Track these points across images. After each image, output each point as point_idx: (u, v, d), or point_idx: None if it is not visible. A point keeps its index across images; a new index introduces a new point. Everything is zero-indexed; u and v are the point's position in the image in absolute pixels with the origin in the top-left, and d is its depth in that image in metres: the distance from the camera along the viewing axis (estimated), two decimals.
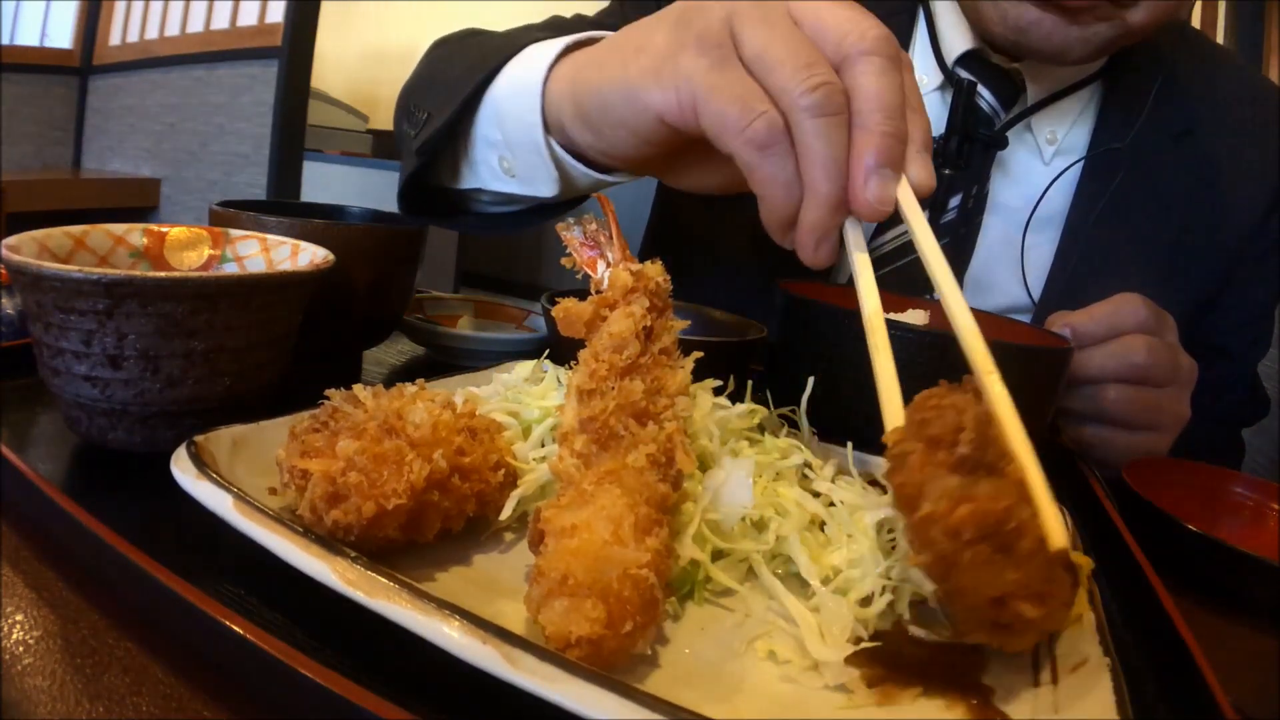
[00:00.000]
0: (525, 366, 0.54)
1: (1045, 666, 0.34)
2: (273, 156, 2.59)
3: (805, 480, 0.45)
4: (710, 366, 0.48)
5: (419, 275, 0.73)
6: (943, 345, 0.52)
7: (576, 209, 0.67)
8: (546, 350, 0.57)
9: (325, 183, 2.84)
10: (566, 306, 0.46)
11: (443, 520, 0.37)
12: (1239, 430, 0.96)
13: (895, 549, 0.39)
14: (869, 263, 0.43)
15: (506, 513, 0.40)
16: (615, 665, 0.30)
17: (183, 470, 0.35)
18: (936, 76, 0.87)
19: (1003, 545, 0.30)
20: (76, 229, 0.51)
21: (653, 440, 0.38)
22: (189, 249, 0.57)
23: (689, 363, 0.45)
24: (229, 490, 0.34)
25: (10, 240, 0.45)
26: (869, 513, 0.40)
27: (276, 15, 2.54)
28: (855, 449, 0.49)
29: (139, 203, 2.79)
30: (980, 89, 0.82)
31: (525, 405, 0.48)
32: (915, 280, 0.79)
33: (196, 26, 2.69)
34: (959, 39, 0.85)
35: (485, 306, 0.86)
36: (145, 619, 0.31)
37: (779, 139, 0.42)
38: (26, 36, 2.78)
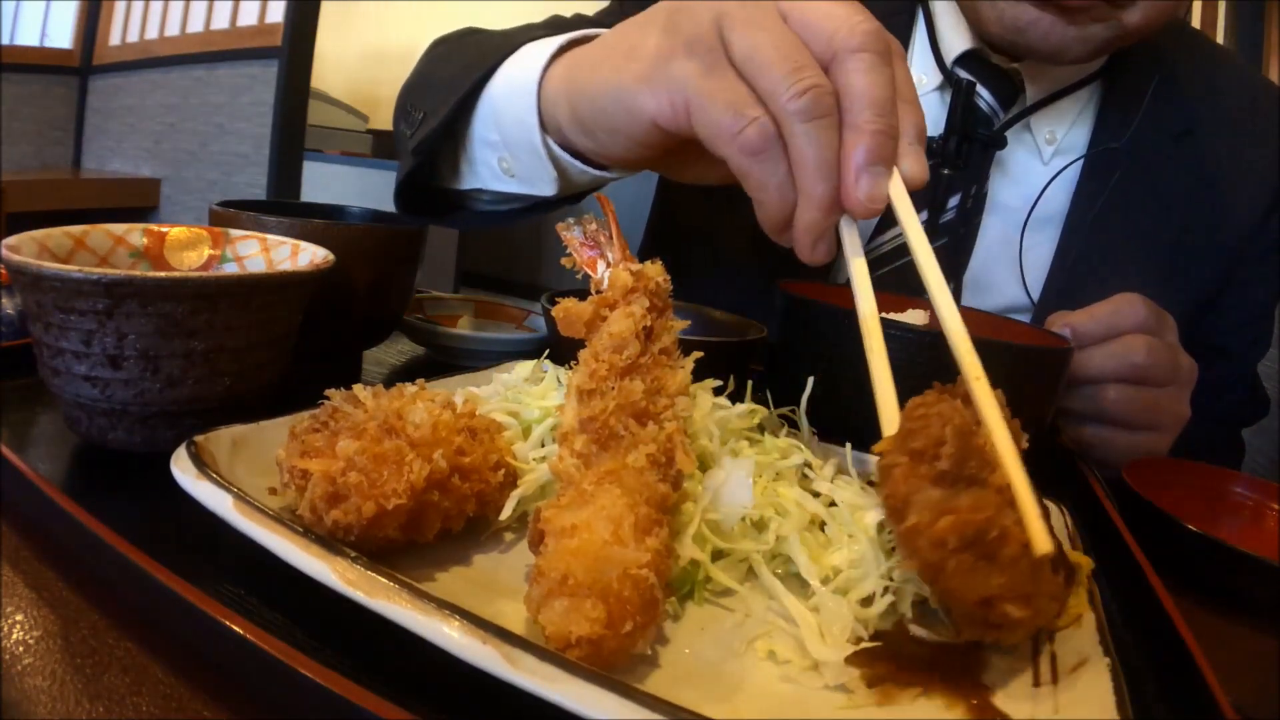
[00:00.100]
0: (525, 366, 0.54)
1: (1045, 666, 0.34)
2: (273, 156, 2.59)
3: (805, 480, 0.45)
4: (710, 366, 0.48)
5: (419, 275, 0.73)
6: (942, 346, 0.52)
7: (576, 208, 0.67)
8: (546, 350, 0.57)
9: (325, 183, 2.84)
10: (566, 306, 0.46)
11: (443, 520, 0.37)
12: (1239, 430, 0.96)
13: (895, 550, 0.39)
14: (865, 267, 0.43)
15: (506, 513, 0.40)
16: (615, 665, 0.30)
17: (183, 470, 0.35)
18: (936, 76, 0.87)
19: (985, 553, 0.31)
20: (76, 229, 0.51)
21: (653, 440, 0.38)
22: (189, 249, 0.57)
23: (689, 363, 0.45)
24: (229, 490, 0.34)
25: (10, 240, 0.45)
26: (869, 513, 0.40)
27: (276, 15, 2.54)
28: (855, 449, 0.49)
29: (139, 203, 2.79)
30: (979, 89, 0.82)
31: (525, 405, 0.48)
32: (914, 281, 0.79)
33: (196, 26, 2.69)
34: (958, 39, 0.85)
35: (485, 306, 0.86)
36: (145, 619, 0.31)
37: (771, 144, 0.43)
38: (26, 36, 2.78)
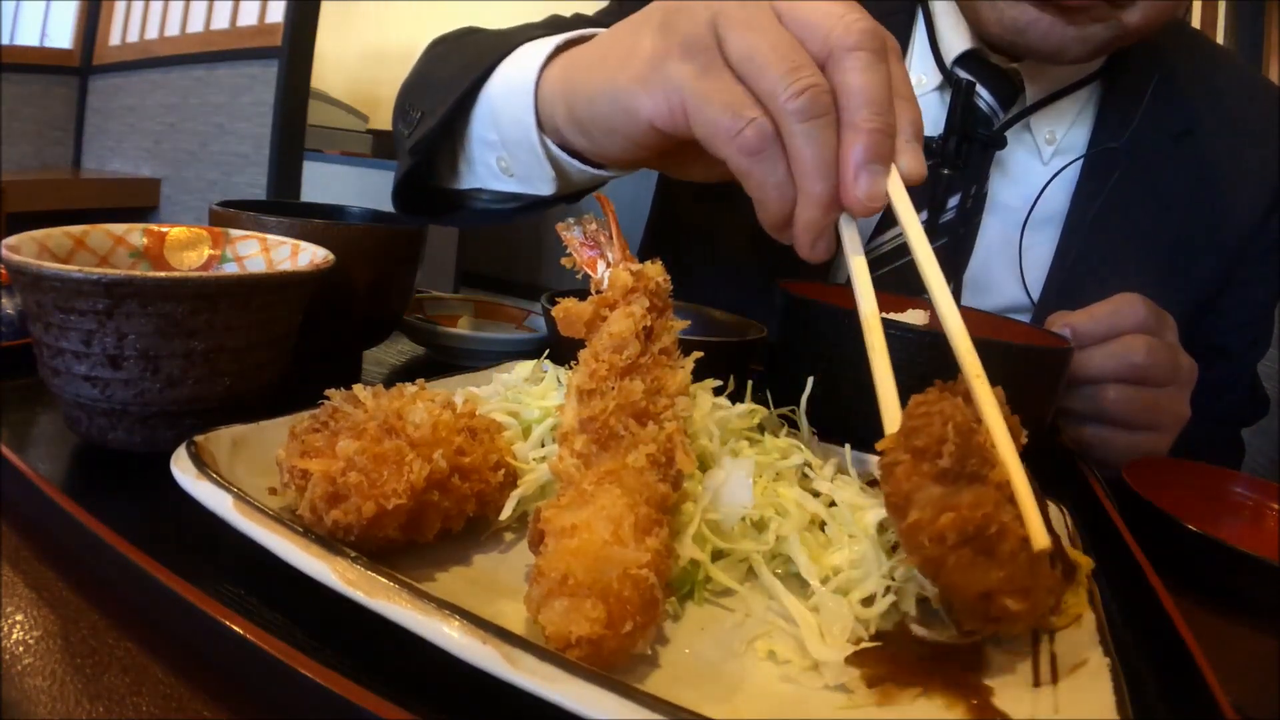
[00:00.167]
0: (525, 366, 0.54)
1: (1045, 666, 0.34)
2: (273, 156, 2.59)
3: (805, 480, 0.45)
4: (710, 366, 0.48)
5: (419, 275, 0.73)
6: (942, 345, 0.52)
7: (576, 208, 0.67)
8: (546, 350, 0.57)
9: (325, 183, 2.84)
10: (566, 306, 0.46)
11: (443, 520, 0.37)
12: (1239, 430, 0.96)
13: (896, 549, 0.39)
14: (866, 266, 0.43)
15: (506, 513, 0.40)
16: (615, 665, 0.30)
17: (183, 470, 0.35)
18: (935, 76, 0.87)
19: (985, 548, 0.32)
20: (76, 229, 0.51)
21: (653, 440, 0.38)
22: (189, 249, 0.57)
23: (689, 363, 0.45)
24: (229, 490, 0.34)
25: (10, 240, 0.45)
26: (869, 512, 0.40)
27: (276, 15, 2.54)
28: (855, 449, 0.49)
29: (139, 203, 2.78)
30: (979, 89, 0.82)
31: (525, 405, 0.48)
32: (914, 280, 0.79)
33: (196, 26, 2.69)
34: (958, 39, 0.85)
35: (485, 306, 0.86)
36: (145, 619, 0.31)
37: (769, 144, 0.43)
38: (26, 36, 2.77)
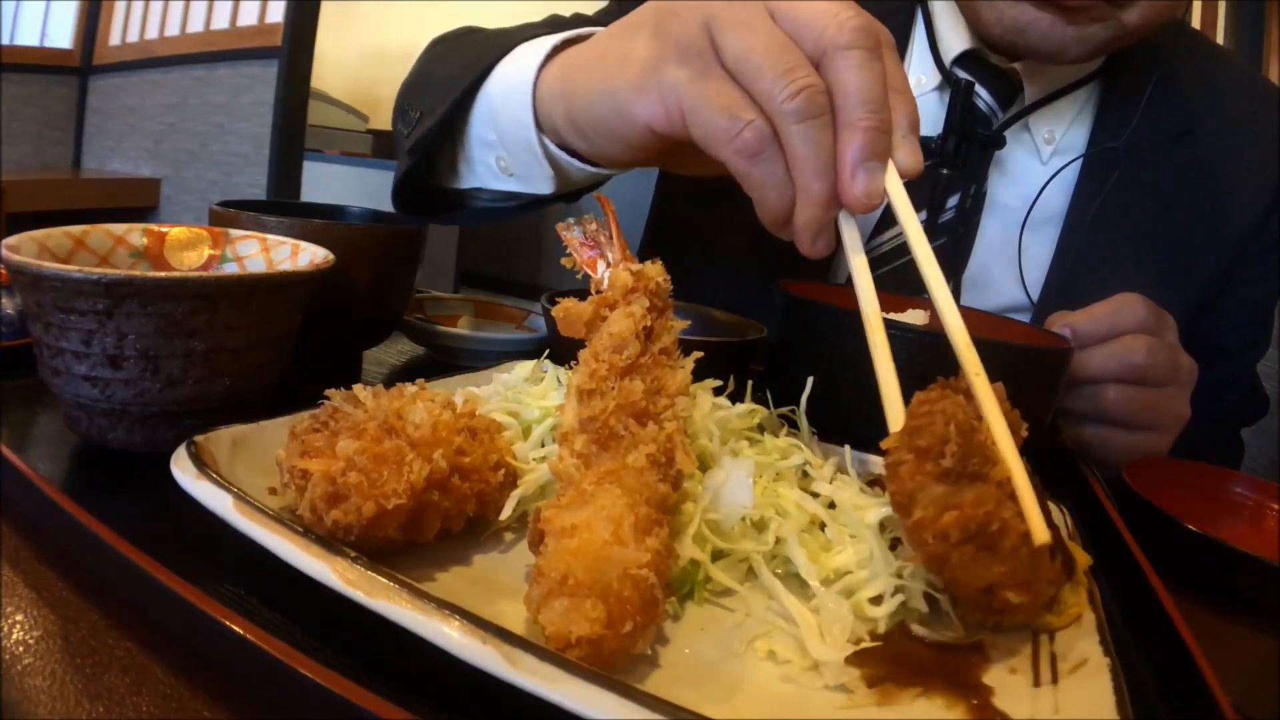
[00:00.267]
0: (525, 366, 0.54)
1: (1045, 666, 0.34)
2: (273, 156, 2.59)
3: (805, 480, 0.45)
4: (710, 366, 0.48)
5: (419, 275, 0.73)
6: (942, 345, 0.52)
7: (576, 208, 0.67)
8: (546, 350, 0.57)
9: (325, 183, 2.84)
10: (566, 306, 0.46)
11: (443, 520, 0.37)
12: (1239, 430, 0.96)
13: (896, 547, 0.39)
14: (866, 264, 0.44)
15: (506, 513, 0.40)
16: (615, 665, 0.30)
17: (183, 470, 0.35)
18: (934, 76, 0.87)
19: (987, 545, 0.33)
20: (76, 229, 0.51)
21: (653, 440, 0.38)
22: (189, 249, 0.57)
23: (689, 363, 0.45)
24: (229, 490, 0.34)
25: (10, 240, 0.45)
26: (871, 511, 0.40)
27: (276, 15, 2.54)
28: (855, 449, 0.49)
29: (139, 203, 2.78)
30: (978, 89, 0.82)
31: (525, 405, 0.48)
32: (914, 280, 0.79)
33: (196, 26, 2.69)
34: (957, 39, 0.85)
35: (485, 306, 0.86)
36: (145, 619, 0.31)
37: (767, 146, 0.43)
38: (26, 36, 2.77)
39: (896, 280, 0.83)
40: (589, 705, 0.25)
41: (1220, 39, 2.04)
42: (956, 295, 0.85)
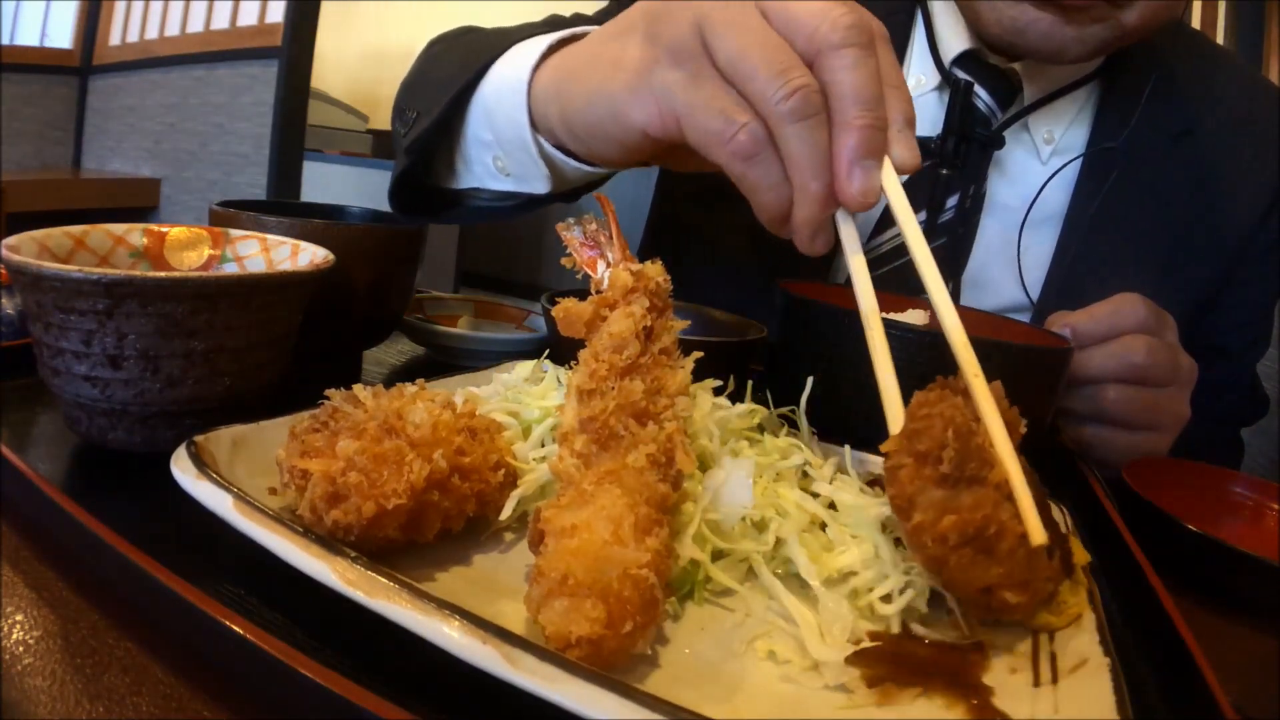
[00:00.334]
0: (525, 366, 0.54)
1: (1045, 666, 0.34)
2: (273, 156, 2.59)
3: (806, 479, 0.45)
4: (710, 366, 0.48)
5: (419, 275, 0.73)
6: (942, 345, 0.52)
7: (576, 207, 0.67)
8: (546, 350, 0.57)
9: (325, 183, 2.84)
10: (566, 306, 0.46)
11: (443, 520, 0.37)
12: (1239, 430, 0.96)
13: (897, 546, 0.39)
14: (865, 263, 0.44)
15: (506, 513, 0.40)
16: (615, 665, 0.30)
17: (183, 470, 0.35)
18: (934, 76, 0.87)
19: (985, 547, 0.33)
20: (76, 229, 0.51)
21: (653, 440, 0.38)
22: (189, 249, 0.57)
23: (689, 363, 0.45)
24: (229, 490, 0.34)
25: (10, 240, 0.45)
26: (873, 510, 0.41)
27: (276, 15, 2.54)
28: (854, 449, 0.49)
29: (139, 203, 2.78)
30: (977, 89, 0.82)
31: (525, 405, 0.48)
32: (914, 281, 0.79)
33: (196, 26, 2.69)
34: (956, 39, 0.85)
35: (485, 306, 0.86)
36: (145, 619, 0.31)
37: (763, 147, 0.43)
38: (26, 36, 2.77)
39: (896, 280, 0.83)
40: (589, 705, 0.25)
41: (1220, 39, 2.04)
42: (956, 295, 0.85)
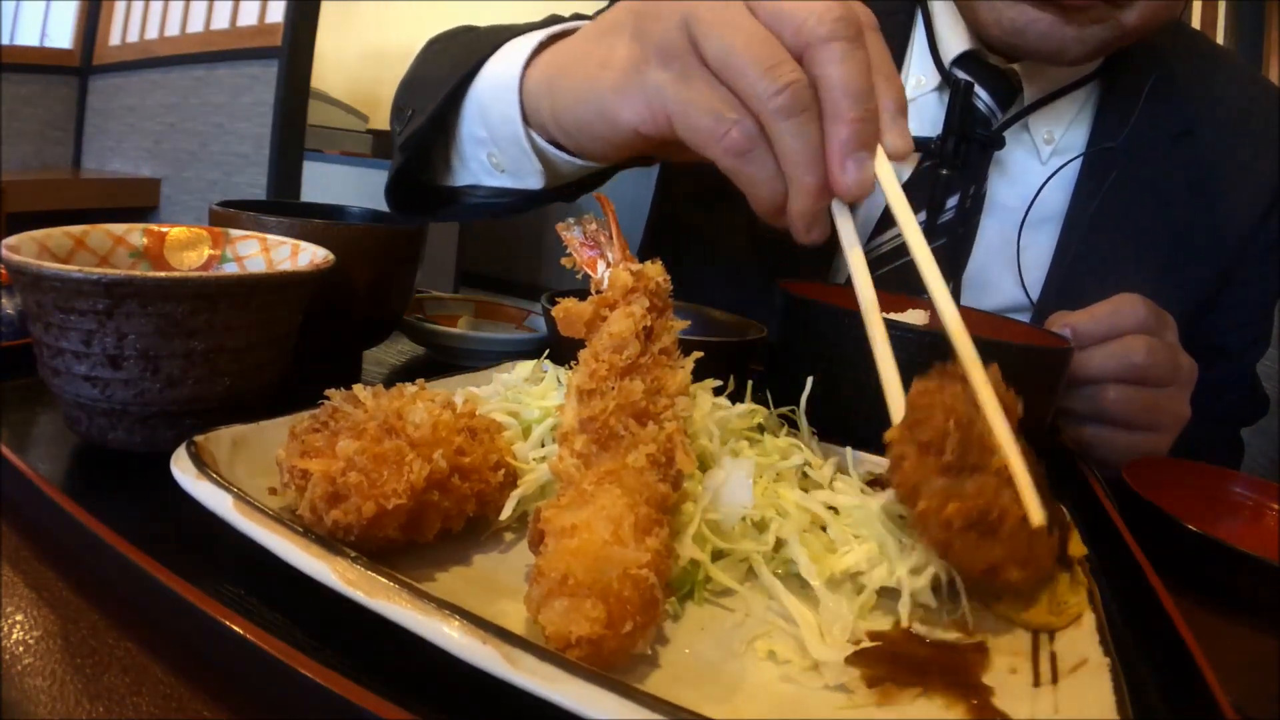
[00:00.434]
0: (525, 366, 0.54)
1: (1045, 666, 0.34)
2: (273, 156, 2.59)
3: (806, 479, 0.45)
4: (710, 366, 0.48)
5: (419, 275, 0.73)
6: (942, 345, 0.52)
7: (576, 207, 0.67)
8: (546, 350, 0.57)
9: (325, 183, 2.84)
10: (566, 306, 0.46)
11: (443, 520, 0.37)
12: (1239, 430, 0.96)
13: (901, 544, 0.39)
14: (862, 255, 0.44)
15: (506, 513, 0.40)
16: (615, 665, 0.30)
17: (183, 470, 0.35)
18: (934, 77, 0.87)
19: (987, 530, 0.35)
20: (76, 229, 0.51)
21: (653, 440, 0.38)
22: (189, 249, 0.57)
23: (689, 363, 0.45)
24: (229, 490, 0.34)
25: (10, 240, 0.45)
26: (875, 508, 0.41)
27: (276, 15, 2.54)
28: (855, 449, 0.49)
29: (139, 203, 2.78)
30: (977, 89, 0.82)
31: (525, 405, 0.48)
32: (914, 280, 0.79)
33: (196, 26, 2.68)
34: (956, 40, 0.85)
35: (485, 306, 0.86)
36: (145, 619, 0.31)
37: (755, 143, 0.43)
38: (26, 36, 2.77)
39: (896, 280, 0.83)
40: (589, 705, 0.25)
41: (1220, 39, 2.04)
42: (956, 295, 0.84)
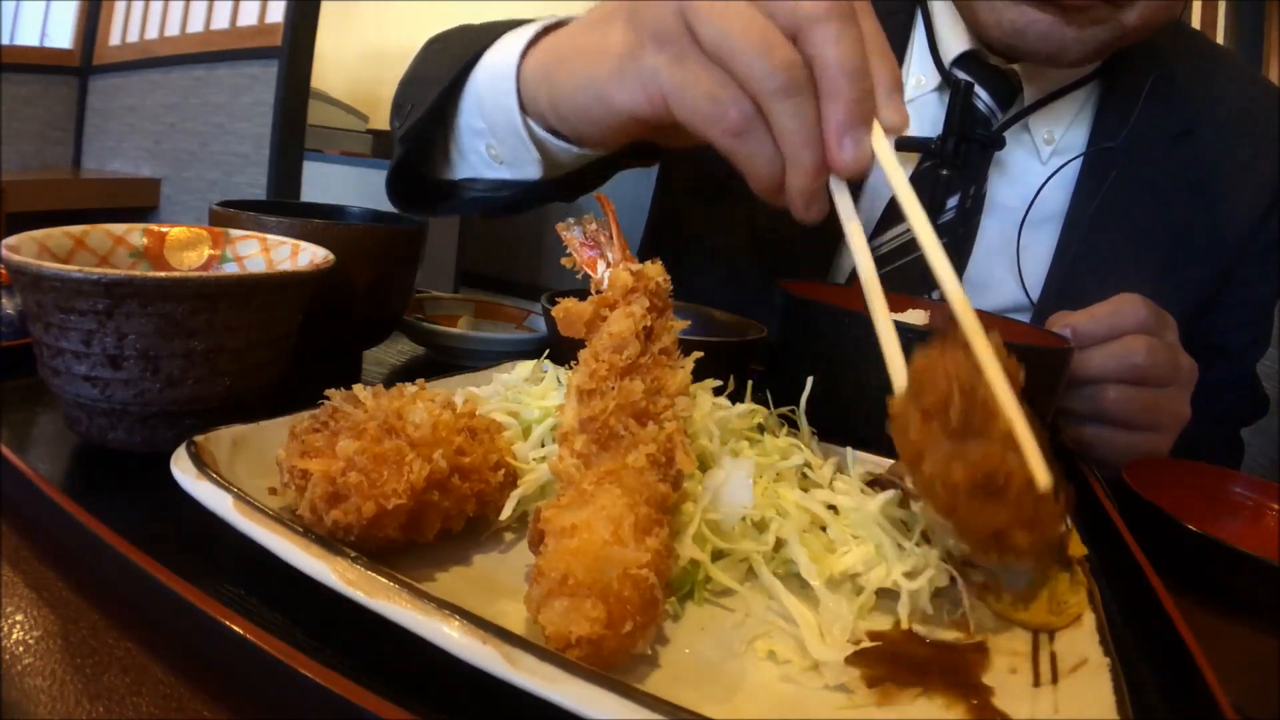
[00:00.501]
0: (525, 366, 0.54)
1: (1045, 666, 0.34)
2: (273, 156, 2.58)
3: (805, 480, 0.45)
4: (710, 366, 0.48)
5: (419, 275, 0.73)
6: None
7: (576, 208, 0.67)
8: (546, 350, 0.57)
9: (325, 183, 2.83)
10: (566, 306, 0.46)
11: (443, 520, 0.37)
12: (1239, 430, 0.96)
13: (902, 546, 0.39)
14: (860, 230, 0.43)
15: (506, 513, 0.40)
16: (615, 665, 0.30)
17: (183, 470, 0.35)
18: (934, 77, 0.87)
19: (993, 493, 0.35)
20: (76, 229, 0.51)
21: (653, 440, 0.38)
22: (189, 249, 0.57)
23: (689, 363, 0.45)
24: (229, 490, 0.34)
25: (10, 240, 0.45)
26: (875, 511, 0.41)
27: (276, 15, 2.53)
28: (855, 449, 0.49)
29: (139, 203, 2.78)
30: (977, 90, 0.82)
31: (525, 405, 0.48)
32: (916, 279, 0.80)
33: (196, 26, 2.68)
34: (956, 40, 0.85)
35: (485, 306, 0.86)
36: (145, 619, 0.31)
37: (752, 124, 0.44)
38: (26, 36, 2.77)
39: (897, 279, 0.83)
40: (589, 705, 0.25)
41: (1220, 39, 2.04)
42: None
